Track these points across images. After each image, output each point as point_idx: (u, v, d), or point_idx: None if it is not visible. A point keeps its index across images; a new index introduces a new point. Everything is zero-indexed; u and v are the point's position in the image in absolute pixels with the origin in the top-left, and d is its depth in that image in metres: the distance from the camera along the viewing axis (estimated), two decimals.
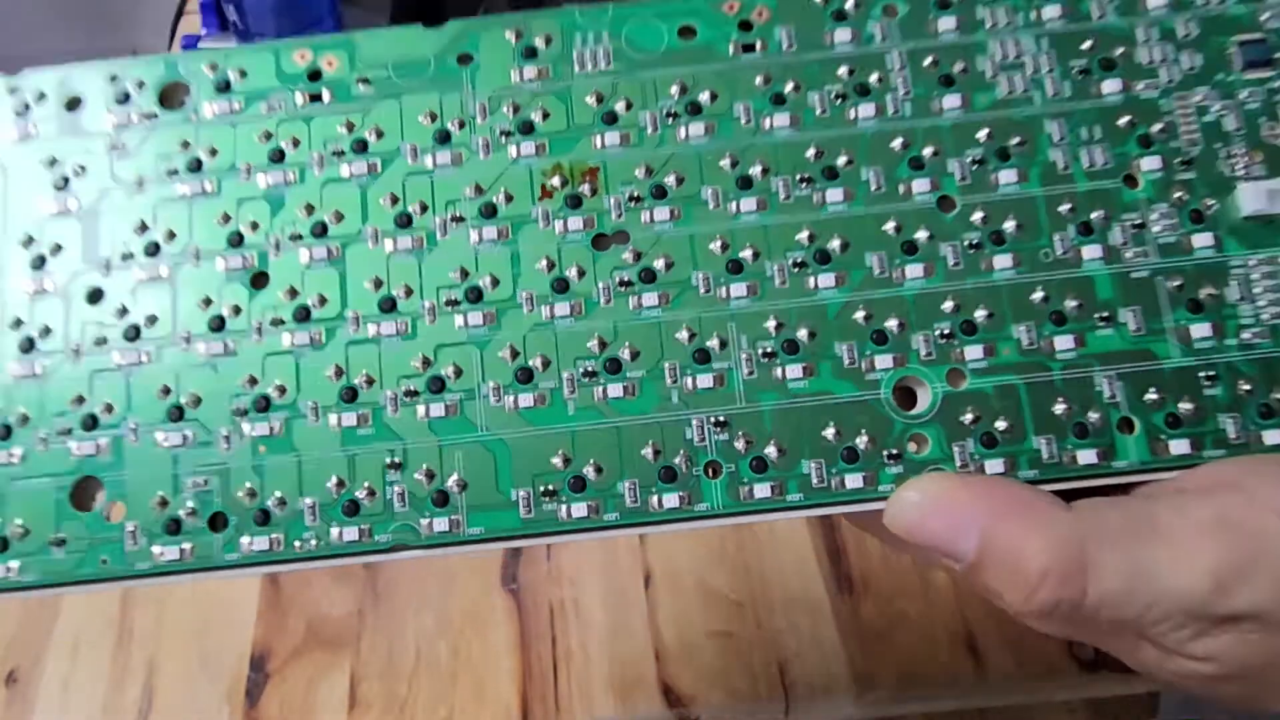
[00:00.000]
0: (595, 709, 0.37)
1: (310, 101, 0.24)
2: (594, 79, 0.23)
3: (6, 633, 0.42)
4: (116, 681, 0.40)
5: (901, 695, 0.38)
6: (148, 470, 0.22)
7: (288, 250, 0.23)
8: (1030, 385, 0.22)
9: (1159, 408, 0.22)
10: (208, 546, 0.22)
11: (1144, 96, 0.23)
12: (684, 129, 0.23)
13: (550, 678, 0.38)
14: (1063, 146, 0.23)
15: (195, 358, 0.22)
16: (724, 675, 0.39)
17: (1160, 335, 0.22)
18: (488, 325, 0.22)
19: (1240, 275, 0.22)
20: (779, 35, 0.24)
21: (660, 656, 0.39)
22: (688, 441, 0.22)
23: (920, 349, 0.22)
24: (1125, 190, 0.23)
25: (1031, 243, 0.22)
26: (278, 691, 0.39)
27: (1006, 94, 0.23)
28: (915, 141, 0.23)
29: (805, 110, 0.23)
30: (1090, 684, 0.38)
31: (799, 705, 0.38)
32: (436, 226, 0.23)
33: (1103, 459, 0.21)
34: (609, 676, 0.38)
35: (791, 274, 0.22)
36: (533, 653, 0.39)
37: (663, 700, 0.38)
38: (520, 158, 0.23)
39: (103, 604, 0.43)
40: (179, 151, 0.23)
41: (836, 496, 0.21)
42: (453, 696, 0.38)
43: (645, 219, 0.23)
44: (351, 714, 0.38)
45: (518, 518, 0.22)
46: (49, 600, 0.42)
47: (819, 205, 0.23)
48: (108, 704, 0.39)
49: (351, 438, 0.22)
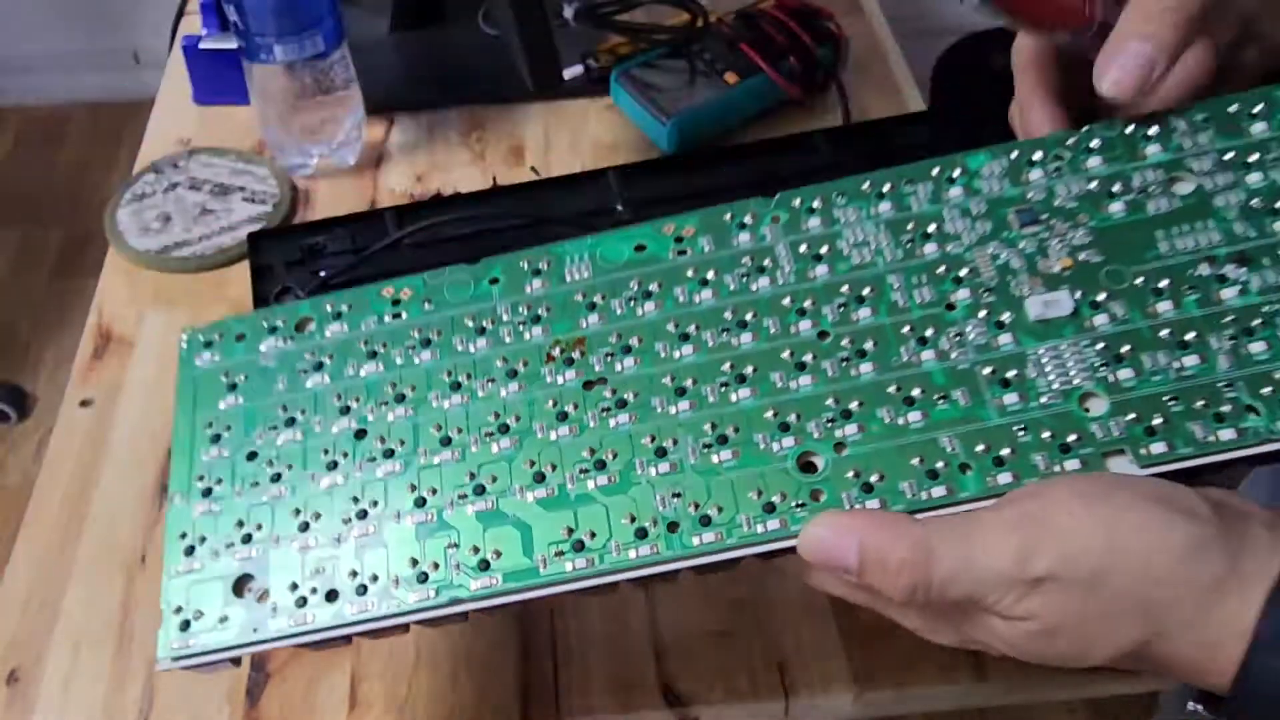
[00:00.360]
0: (595, 709, 0.40)
1: (393, 319, 0.35)
2: (579, 284, 0.35)
3: (7, 632, 0.43)
4: (117, 681, 0.41)
5: (901, 695, 0.39)
6: (285, 567, 0.32)
7: (379, 412, 0.34)
8: (894, 448, 0.31)
9: (987, 453, 0.30)
10: (327, 613, 0.31)
11: (953, 253, 0.33)
12: (641, 308, 0.34)
13: (550, 677, 0.40)
14: (900, 291, 0.33)
15: (319, 488, 0.33)
16: (724, 675, 0.40)
17: (983, 405, 0.31)
18: (514, 447, 0.32)
19: (1034, 359, 0.31)
20: (701, 243, 0.35)
21: (660, 656, 0.40)
22: (657, 511, 0.31)
23: (813, 432, 0.31)
24: (947, 313, 0.32)
25: (885, 355, 0.32)
26: (278, 691, 0.40)
27: (859, 262, 0.34)
28: (798, 298, 0.33)
29: (722, 287, 0.34)
30: (1089, 684, 0.39)
31: (799, 705, 0.39)
32: (478, 388, 0.34)
33: (950, 493, 0.30)
34: (609, 676, 0.40)
35: (720, 392, 0.32)
36: (533, 652, 0.40)
37: (663, 700, 0.39)
38: (532, 338, 0.34)
39: (104, 604, 0.43)
40: (308, 358, 0.35)
41: (762, 538, 0.30)
42: (453, 696, 0.39)
43: (618, 368, 0.33)
44: (351, 714, 0.39)
45: (537, 573, 0.30)
46: (50, 601, 0.44)
47: (736, 346, 0.33)
48: (108, 704, 0.40)
49: (422, 532, 0.32)
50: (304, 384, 0.35)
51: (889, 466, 0.30)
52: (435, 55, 0.70)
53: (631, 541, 0.30)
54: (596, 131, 0.65)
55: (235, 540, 0.32)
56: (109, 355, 0.54)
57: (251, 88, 0.59)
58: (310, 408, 0.34)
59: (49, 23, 1.61)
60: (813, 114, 0.64)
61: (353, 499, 0.32)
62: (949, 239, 0.34)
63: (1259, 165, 0.33)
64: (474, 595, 0.31)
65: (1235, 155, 0.33)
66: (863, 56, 0.69)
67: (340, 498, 0.33)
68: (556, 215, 0.53)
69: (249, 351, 0.36)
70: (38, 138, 1.66)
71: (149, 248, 0.58)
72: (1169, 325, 0.31)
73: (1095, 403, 0.30)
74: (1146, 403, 0.30)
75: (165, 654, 0.31)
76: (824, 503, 0.30)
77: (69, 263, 1.48)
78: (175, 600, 0.32)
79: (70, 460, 0.49)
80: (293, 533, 0.32)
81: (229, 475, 0.34)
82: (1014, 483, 0.30)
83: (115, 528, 0.47)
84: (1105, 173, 0.34)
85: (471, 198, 0.56)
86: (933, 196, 0.34)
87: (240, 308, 0.54)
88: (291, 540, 0.32)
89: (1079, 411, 0.30)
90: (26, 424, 1.32)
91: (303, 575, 0.32)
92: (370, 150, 0.64)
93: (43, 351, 1.38)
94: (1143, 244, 0.32)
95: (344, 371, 0.35)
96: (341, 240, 0.53)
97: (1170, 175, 0.33)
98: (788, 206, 0.35)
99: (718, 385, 0.32)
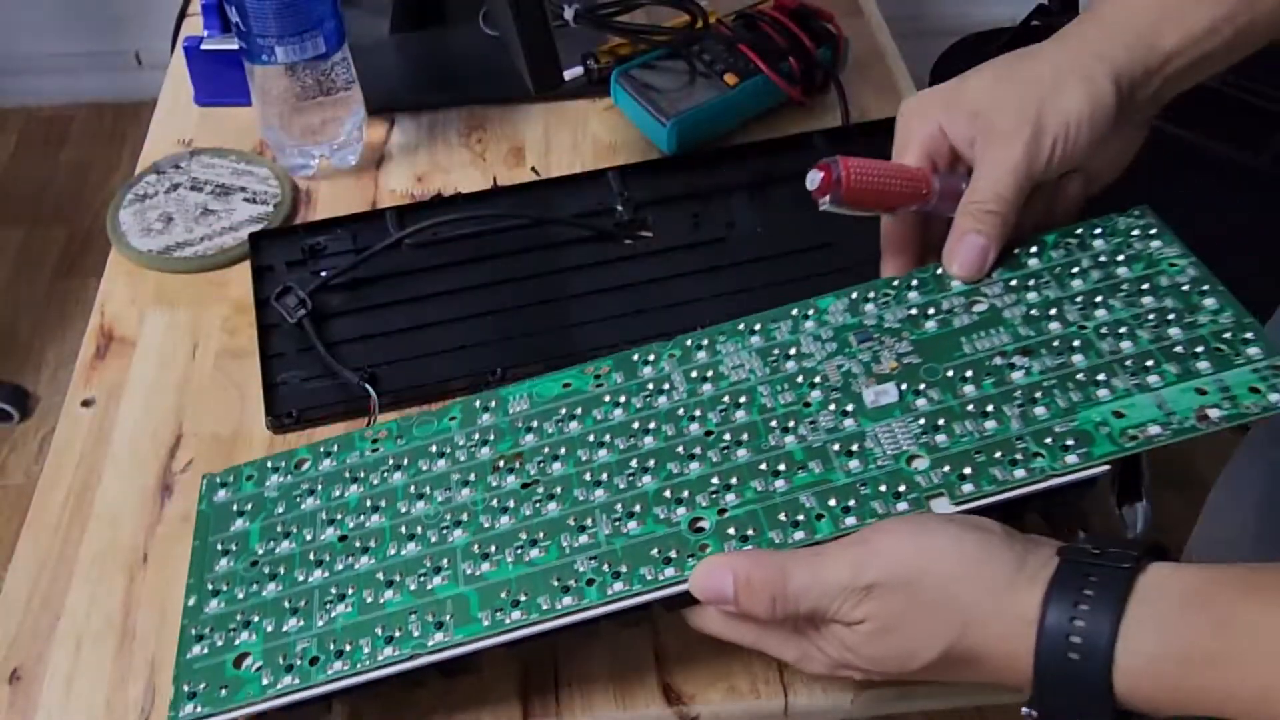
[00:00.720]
0: (595, 708, 0.40)
1: (372, 453, 0.44)
2: (519, 414, 0.44)
3: (10, 631, 0.43)
4: (119, 680, 0.40)
5: (901, 695, 0.40)
6: (278, 646, 0.38)
7: (358, 520, 0.42)
8: (764, 509, 0.38)
9: (837, 505, 0.38)
10: (308, 676, 0.37)
11: (808, 366, 0.42)
12: (566, 426, 0.43)
13: (551, 677, 0.41)
14: (768, 396, 0.42)
15: (308, 585, 0.40)
16: (724, 675, 0.40)
17: (833, 470, 0.39)
18: (465, 534, 0.40)
19: (871, 434, 0.39)
20: (615, 377, 0.44)
21: (660, 656, 0.40)
22: (577, 572, 0.38)
23: (701, 502, 0.39)
24: (804, 409, 0.41)
25: (756, 442, 0.40)
26: None
27: (736, 380, 0.43)
28: (689, 409, 0.42)
29: (630, 406, 0.43)
30: None
31: (799, 705, 0.39)
32: (438, 495, 0.42)
33: (808, 536, 0.37)
34: (609, 676, 0.41)
35: (628, 480, 0.40)
36: (533, 652, 0.39)
37: (663, 700, 0.39)
38: (481, 456, 0.43)
39: (105, 604, 0.43)
40: (304, 487, 0.43)
41: (662, 583, 0.37)
42: (453, 696, 0.40)
43: (549, 470, 0.41)
44: (352, 714, 0.39)
45: (481, 627, 0.37)
46: (52, 600, 0.44)
47: (640, 447, 0.41)
48: (110, 702, 0.40)
49: (391, 605, 0.39)
50: (299, 505, 0.43)
51: (761, 522, 0.38)
52: (436, 56, 0.70)
53: (558, 596, 0.37)
54: (597, 132, 0.65)
55: (237, 626, 0.39)
56: (111, 355, 0.54)
57: (253, 89, 0.59)
58: (302, 523, 0.42)
59: (51, 24, 1.60)
60: (812, 114, 0.65)
61: (335, 587, 0.40)
62: (805, 357, 0.43)
63: (1034, 288, 0.43)
64: (431, 649, 0.37)
65: (1017, 282, 0.43)
66: (862, 57, 0.68)
67: (325, 588, 0.40)
68: (557, 215, 0.56)
69: (256, 487, 0.44)
70: (40, 138, 1.67)
71: (151, 248, 0.58)
72: (973, 401, 0.40)
73: (919, 461, 0.38)
74: (958, 457, 0.38)
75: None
76: (709, 553, 0.37)
77: (71, 263, 1.48)
78: (184, 678, 0.38)
79: (72, 460, 0.49)
80: (284, 617, 0.39)
81: (235, 579, 0.41)
82: (858, 524, 0.37)
83: (117, 527, 0.47)
84: (921, 301, 0.44)
85: (472, 198, 0.59)
86: (792, 329, 0.44)
87: (241, 308, 0.55)
88: (283, 623, 0.39)
89: (907, 469, 0.38)
90: (28, 424, 1.31)
91: (291, 648, 0.38)
92: (371, 151, 0.64)
93: (45, 351, 1.37)
94: (951, 347, 0.42)
95: (331, 494, 0.43)
96: (342, 240, 0.55)
97: (970, 299, 0.43)
98: (681, 346, 0.45)
99: (626, 476, 0.40)
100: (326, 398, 0.50)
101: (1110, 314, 0.41)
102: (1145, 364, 0.39)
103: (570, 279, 0.56)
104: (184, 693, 0.38)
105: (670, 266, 0.56)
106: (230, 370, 0.53)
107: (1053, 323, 0.41)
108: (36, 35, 1.65)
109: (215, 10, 0.64)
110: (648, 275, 0.56)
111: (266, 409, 0.50)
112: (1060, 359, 0.40)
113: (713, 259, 0.56)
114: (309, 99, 0.59)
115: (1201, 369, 0.38)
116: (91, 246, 1.48)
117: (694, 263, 0.56)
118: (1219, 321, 0.40)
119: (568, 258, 0.57)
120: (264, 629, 0.39)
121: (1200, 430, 0.37)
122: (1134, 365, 0.39)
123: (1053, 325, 0.41)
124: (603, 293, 0.55)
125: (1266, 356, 0.38)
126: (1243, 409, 0.37)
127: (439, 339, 0.53)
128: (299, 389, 0.50)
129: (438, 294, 0.55)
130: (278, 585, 0.41)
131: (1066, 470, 0.37)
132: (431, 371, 0.52)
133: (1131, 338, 0.40)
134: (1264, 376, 0.38)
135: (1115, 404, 0.38)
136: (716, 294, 0.54)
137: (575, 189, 0.60)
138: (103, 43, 1.66)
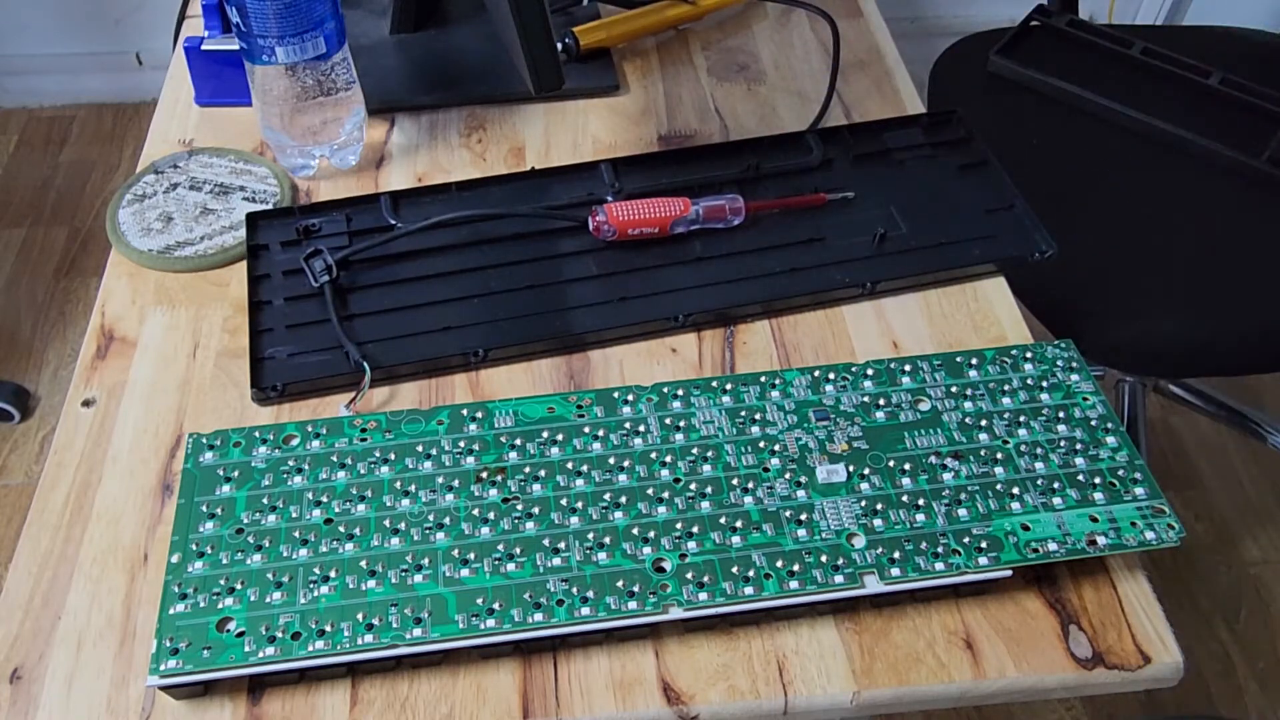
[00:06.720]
0: (595, 708, 0.40)
1: (360, 441, 0.47)
2: (504, 430, 0.48)
3: (10, 631, 0.43)
4: (119, 680, 0.41)
5: (900, 695, 0.40)
6: (260, 613, 0.41)
7: (344, 507, 0.45)
8: (720, 560, 0.43)
9: (784, 568, 0.43)
10: (289, 650, 0.41)
11: (770, 434, 0.48)
12: (548, 450, 0.47)
13: (551, 676, 0.41)
14: (733, 455, 0.47)
15: (294, 562, 0.43)
16: (724, 675, 0.40)
17: (783, 535, 0.44)
18: (446, 538, 0.44)
19: (819, 508, 0.45)
20: (596, 410, 0.48)
21: (660, 656, 0.41)
22: (549, 591, 0.42)
23: (665, 544, 0.44)
24: (763, 473, 0.46)
25: (718, 497, 0.45)
26: (280, 690, 0.41)
27: (705, 434, 0.48)
28: (661, 454, 0.47)
29: (608, 441, 0.47)
30: (1087, 682, 0.40)
31: (799, 705, 0.39)
32: (423, 495, 0.45)
33: (757, 591, 0.43)
34: (609, 675, 0.41)
35: (601, 512, 0.45)
36: (533, 651, 0.41)
37: (663, 699, 0.40)
38: (466, 464, 0.46)
39: (106, 603, 0.44)
40: (291, 464, 0.46)
41: (624, 614, 0.42)
42: (453, 695, 0.40)
43: (529, 490, 0.45)
44: (352, 713, 0.40)
45: (457, 628, 0.41)
46: (53, 600, 0.45)
47: (614, 482, 0.46)
48: (111, 702, 0.40)
49: (373, 594, 0.42)
50: (286, 482, 0.46)
51: (717, 572, 0.43)
52: (436, 56, 0.71)
53: (530, 611, 0.42)
54: (597, 132, 0.66)
55: (221, 591, 0.42)
56: (111, 355, 0.54)
57: (253, 89, 0.60)
58: (289, 499, 0.45)
59: (52, 25, 1.61)
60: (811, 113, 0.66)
61: (318, 568, 0.43)
62: (768, 424, 0.48)
63: (971, 397, 0.49)
64: (409, 642, 0.41)
65: (957, 389, 0.49)
66: (862, 57, 0.69)
67: (310, 566, 0.43)
68: (550, 204, 0.56)
69: (244, 455, 0.47)
70: (41, 139, 1.67)
71: (151, 248, 0.59)
72: (908, 494, 0.46)
73: (857, 540, 0.44)
74: (890, 542, 0.44)
75: (155, 675, 0.40)
76: (669, 593, 0.43)
77: (72, 263, 1.48)
78: (167, 633, 0.41)
79: (73, 459, 0.50)
80: (269, 589, 0.42)
81: (220, 544, 0.44)
82: (800, 589, 0.43)
83: (118, 526, 0.47)
84: (874, 391, 0.50)
85: (466, 184, 0.60)
86: (759, 395, 0.49)
87: (242, 307, 0.56)
88: (267, 594, 0.42)
89: (846, 545, 0.44)
90: (29, 423, 1.31)
91: (274, 621, 0.41)
92: (371, 151, 0.65)
93: (45, 351, 1.38)
94: (895, 440, 0.48)
95: (319, 475, 0.46)
96: (337, 223, 0.56)
97: (916, 397, 0.49)
98: (659, 392, 0.49)
99: (600, 508, 0.45)
100: (311, 372, 0.52)
101: (1030, 434, 0.48)
102: (1053, 485, 0.46)
103: (557, 266, 0.57)
104: (166, 648, 0.41)
105: (656, 257, 0.58)
106: (231, 370, 0.53)
107: (982, 433, 0.48)
108: (37, 35, 1.63)
109: (216, 10, 0.64)
110: (633, 264, 0.57)
111: (252, 381, 0.52)
112: (985, 468, 0.47)
113: (700, 250, 0.58)
114: (309, 99, 0.60)
115: (1097, 499, 0.46)
116: (92, 246, 1.48)
117: (681, 254, 0.58)
118: (1115, 459, 0.47)
119: (556, 245, 0.58)
120: (248, 597, 0.42)
121: (1089, 553, 0.44)
122: (1043, 485, 0.46)
123: (982, 435, 0.48)
124: (588, 280, 0.57)
125: (1149, 499, 0.46)
126: (1124, 540, 0.44)
127: (425, 319, 0.55)
128: (285, 364, 0.52)
129: (425, 277, 0.57)
130: (263, 557, 0.43)
131: (978, 570, 0.44)
132: (417, 349, 0.53)
133: (1044, 459, 0.47)
134: (1144, 515, 0.45)
135: (1024, 517, 0.45)
136: (702, 284, 0.56)
137: (568, 179, 0.62)
138: (103, 43, 1.64)
